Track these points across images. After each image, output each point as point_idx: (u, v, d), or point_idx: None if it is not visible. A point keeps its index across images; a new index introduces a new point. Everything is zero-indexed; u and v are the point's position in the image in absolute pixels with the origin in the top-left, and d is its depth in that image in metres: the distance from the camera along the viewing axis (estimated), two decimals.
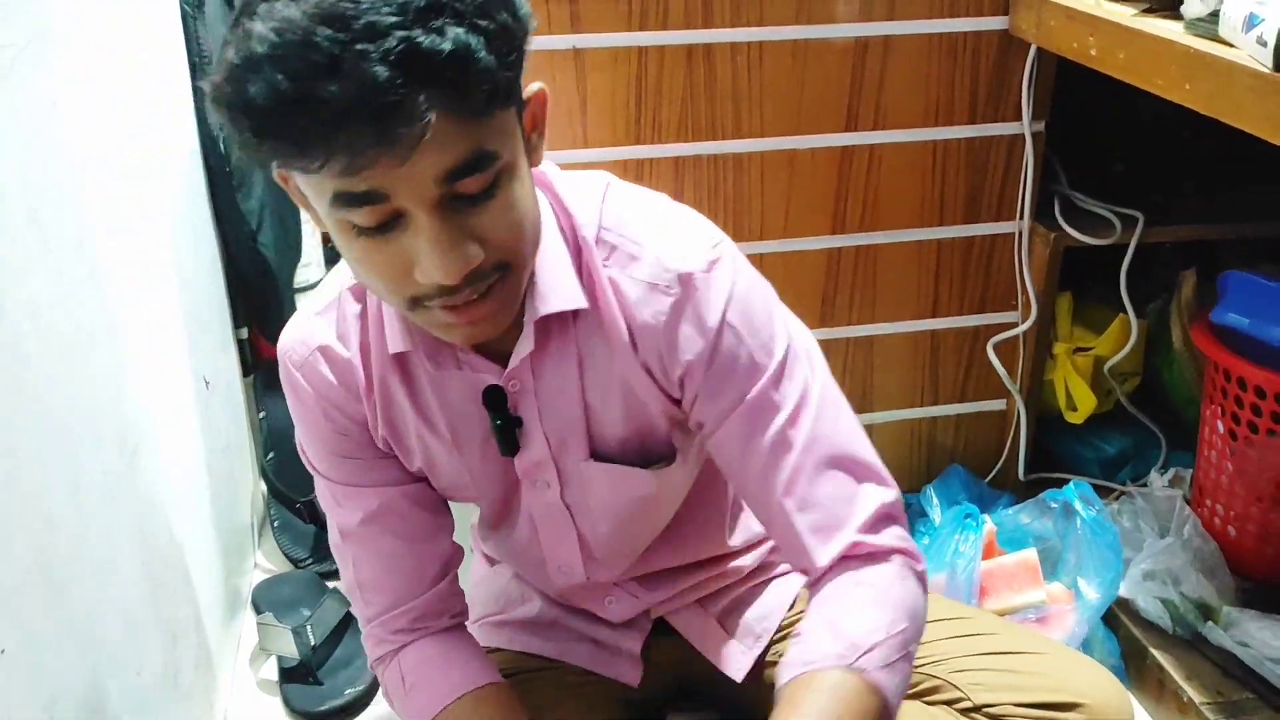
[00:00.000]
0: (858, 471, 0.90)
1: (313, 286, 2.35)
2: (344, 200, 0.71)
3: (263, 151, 0.69)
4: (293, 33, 0.64)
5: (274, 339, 1.87)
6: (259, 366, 1.88)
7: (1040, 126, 1.65)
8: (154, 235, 1.39)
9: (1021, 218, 1.69)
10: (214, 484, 1.54)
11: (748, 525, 1.17)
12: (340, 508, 0.99)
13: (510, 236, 0.77)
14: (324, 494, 1.01)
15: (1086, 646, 1.50)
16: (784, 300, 0.95)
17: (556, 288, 0.87)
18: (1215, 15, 1.22)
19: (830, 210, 1.65)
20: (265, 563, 1.80)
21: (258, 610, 1.62)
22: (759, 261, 1.13)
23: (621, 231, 0.89)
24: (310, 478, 1.79)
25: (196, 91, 1.65)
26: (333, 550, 1.03)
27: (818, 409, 0.90)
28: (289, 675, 1.53)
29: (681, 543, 1.11)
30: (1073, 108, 1.70)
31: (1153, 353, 1.86)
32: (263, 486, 1.86)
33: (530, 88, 0.79)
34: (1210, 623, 1.46)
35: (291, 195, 0.79)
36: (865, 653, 0.82)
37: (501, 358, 0.90)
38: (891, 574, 0.88)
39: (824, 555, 0.88)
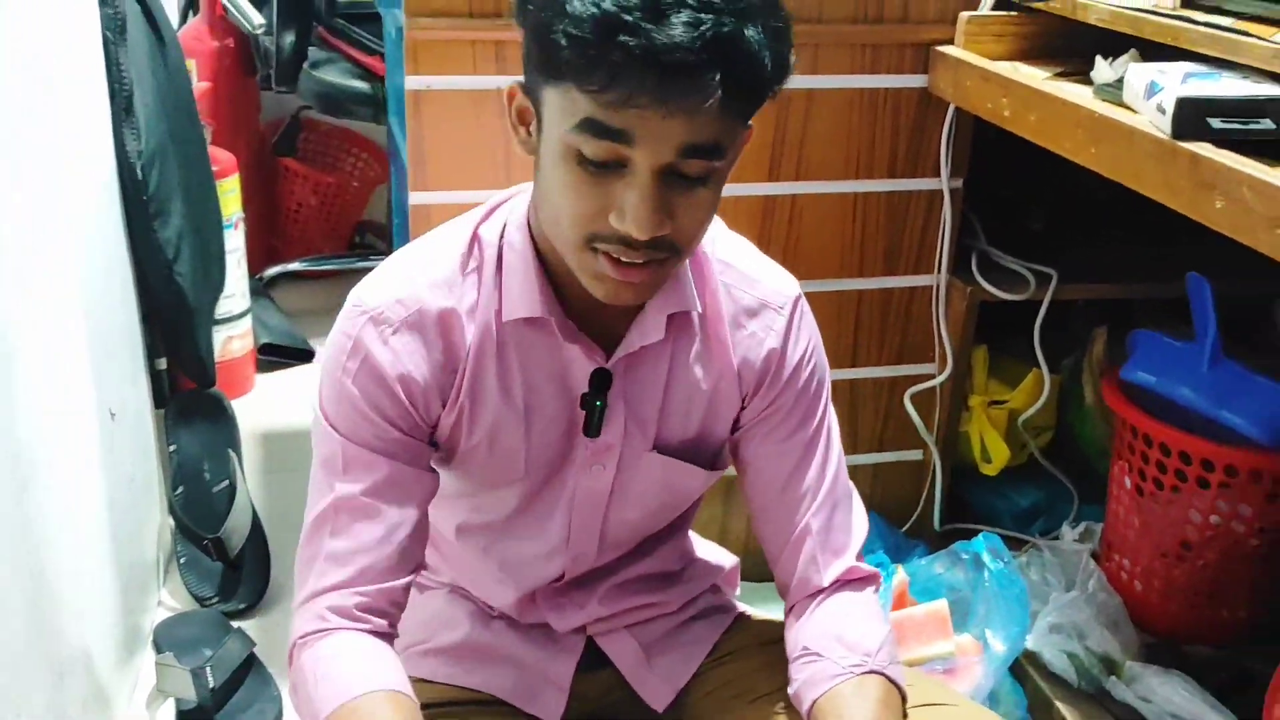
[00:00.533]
0: (855, 505, 1.06)
1: (236, 318, 2.32)
2: (592, 128, 0.77)
3: (552, 53, 0.76)
4: None
5: (189, 370, 1.84)
6: (173, 398, 1.85)
7: (958, 183, 1.68)
8: (57, 262, 1.35)
9: (939, 272, 1.72)
10: (115, 519, 1.50)
11: (687, 551, 1.20)
12: (344, 475, 0.95)
13: (695, 226, 0.85)
14: (327, 459, 0.96)
15: (993, 698, 1.50)
16: None
17: (684, 289, 0.95)
18: (1121, 82, 1.26)
19: None
20: (170, 600, 1.76)
21: (158, 649, 1.58)
22: None
23: (735, 255, 1.00)
24: (218, 515, 1.75)
25: (115, 119, 1.63)
26: (304, 533, 0.98)
27: (840, 451, 1.05)
28: (186, 718, 1.49)
29: (646, 548, 1.13)
30: (992, 165, 1.74)
31: (1066, 407, 1.89)
32: (171, 522, 1.81)
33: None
34: (1114, 677, 1.48)
35: (509, 113, 0.86)
36: (876, 654, 0.98)
37: (608, 340, 0.95)
38: (872, 594, 1.05)
39: (830, 575, 1.03)
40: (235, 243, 2.26)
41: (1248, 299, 1.67)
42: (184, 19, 2.77)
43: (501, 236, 0.95)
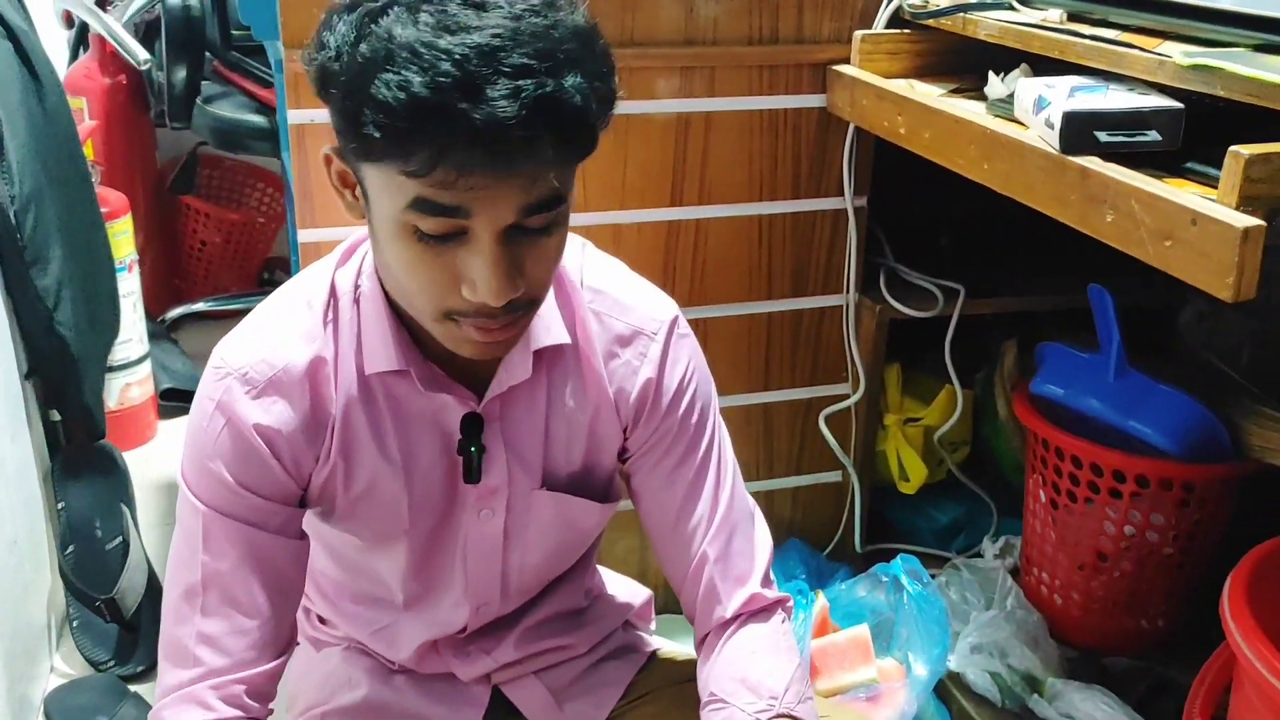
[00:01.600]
0: (757, 527, 1.05)
1: (134, 363, 2.23)
2: (423, 207, 0.75)
3: (364, 141, 0.72)
4: (442, 49, 0.70)
5: (76, 421, 1.76)
6: (60, 453, 1.76)
7: (862, 201, 1.67)
8: None
9: (848, 291, 1.71)
10: None
11: (594, 588, 1.17)
12: (208, 547, 0.90)
13: (546, 275, 0.83)
14: (190, 532, 0.91)
15: None
16: None
17: (549, 323, 0.93)
18: (1012, 97, 1.25)
19: (658, 285, 1.63)
20: (64, 666, 1.67)
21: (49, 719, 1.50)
22: None
23: (605, 281, 0.98)
24: (111, 575, 1.67)
25: None
26: (168, 610, 0.93)
27: (735, 470, 1.04)
28: None
29: (551, 588, 1.10)
30: (897, 182, 1.73)
31: (980, 422, 1.89)
32: (62, 584, 1.72)
33: None
34: (1037, 695, 1.46)
35: (330, 176, 0.82)
36: (783, 696, 0.95)
37: (477, 384, 0.92)
38: (778, 623, 1.02)
39: (733, 605, 1.00)
40: (130, 286, 2.18)
41: (1150, 309, 1.68)
42: (74, 56, 2.68)
43: (356, 285, 0.91)
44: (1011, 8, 1.37)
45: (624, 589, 1.23)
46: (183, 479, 0.92)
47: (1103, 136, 1.07)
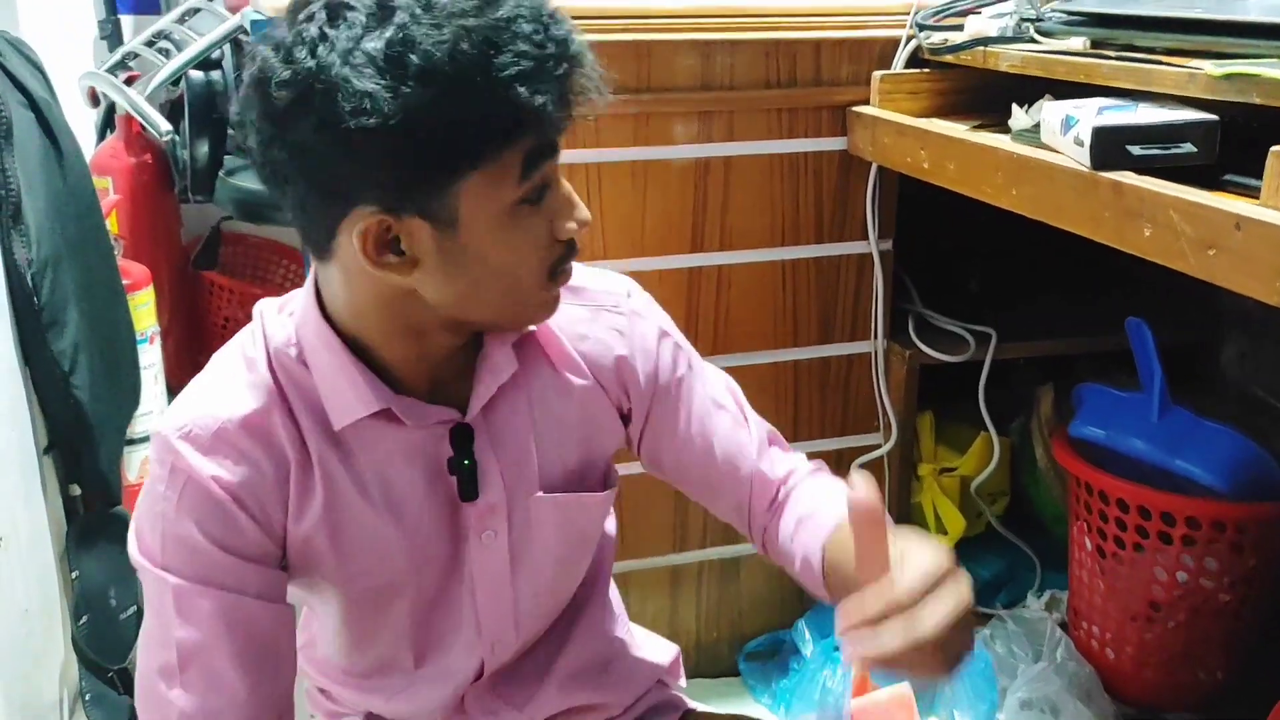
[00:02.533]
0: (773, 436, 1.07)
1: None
2: (538, 155, 0.77)
3: (508, 120, 0.74)
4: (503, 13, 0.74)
5: (91, 487, 1.73)
6: (74, 521, 1.72)
7: (888, 245, 1.64)
8: None
9: (876, 337, 1.67)
10: (3, 656, 1.37)
11: (623, 643, 1.11)
12: (183, 619, 0.83)
13: None
14: (161, 610, 0.84)
15: None
16: None
17: None
18: (1038, 126, 1.22)
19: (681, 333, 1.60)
20: None
21: None
22: None
23: None
24: (125, 645, 1.60)
25: (2, 226, 1.54)
26: (144, 698, 0.86)
27: (728, 388, 1.04)
28: None
29: (575, 635, 1.07)
30: (922, 226, 1.71)
31: (1019, 470, 1.83)
32: (74, 655, 1.68)
33: None
34: None
35: (366, 250, 0.77)
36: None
37: (456, 400, 0.89)
38: (826, 475, 1.05)
39: (780, 470, 1.03)
40: (151, 358, 2.16)
41: (1185, 345, 1.63)
42: (101, 137, 2.71)
43: (298, 349, 0.86)
44: (1033, 40, 1.35)
45: (653, 646, 1.17)
46: (144, 558, 0.85)
47: (1135, 150, 1.03)
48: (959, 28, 1.44)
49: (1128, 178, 1.02)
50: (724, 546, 1.69)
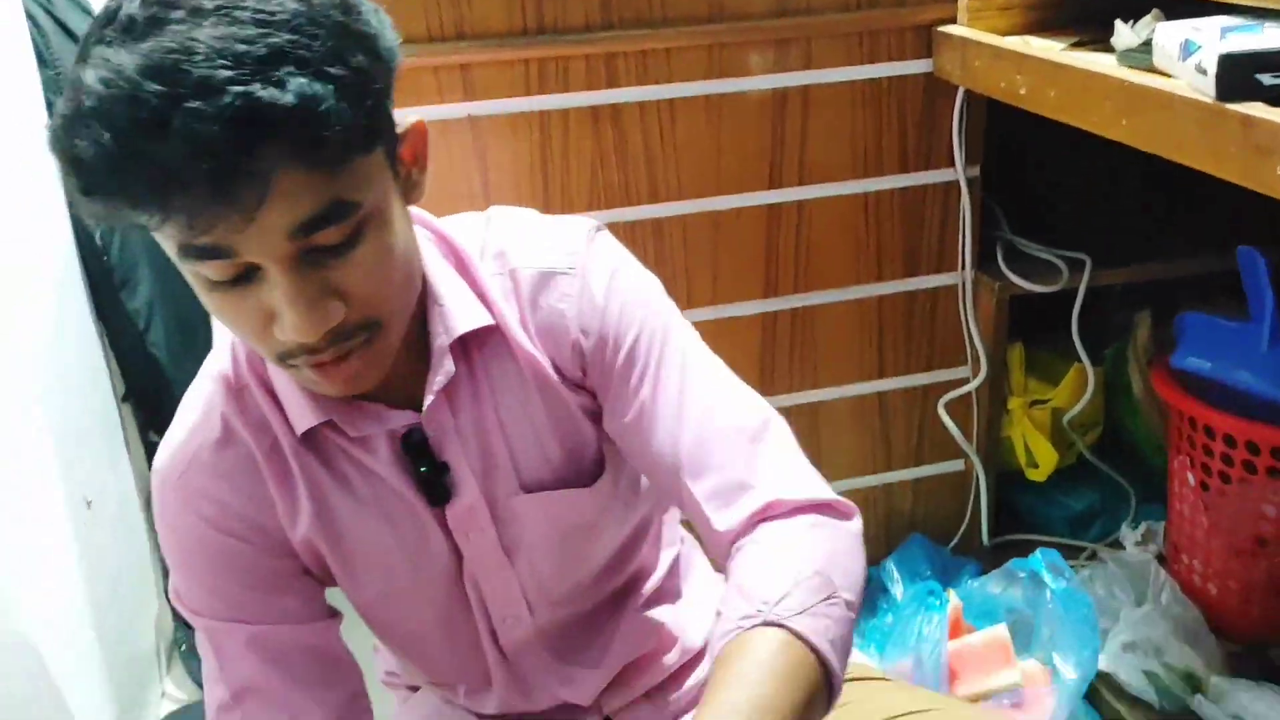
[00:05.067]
0: (766, 436, 0.84)
1: None
2: (189, 253, 0.66)
3: (95, 208, 0.63)
4: (119, 86, 0.60)
5: None
6: None
7: (975, 171, 1.56)
8: (12, 349, 1.25)
9: (963, 268, 1.60)
10: (99, 614, 1.39)
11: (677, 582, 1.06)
12: (224, 659, 0.83)
13: (377, 290, 0.72)
14: (207, 650, 0.84)
15: None
16: None
17: (461, 310, 0.82)
18: (1148, 45, 1.13)
19: (761, 273, 1.55)
20: (175, 691, 1.65)
21: None
22: None
23: (507, 240, 0.86)
24: None
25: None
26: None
27: (718, 378, 0.86)
28: None
29: (619, 581, 1.00)
30: (1012, 150, 1.62)
31: (1113, 401, 1.76)
32: (168, 609, 1.71)
33: (405, 121, 0.74)
34: (1199, 695, 1.35)
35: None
36: (776, 604, 0.74)
37: (414, 401, 0.82)
38: (798, 527, 0.80)
39: (723, 522, 0.81)
40: None
41: None
42: None
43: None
44: None
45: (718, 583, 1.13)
46: (177, 601, 0.85)
47: (1266, 80, 0.95)
48: None
49: (1258, 110, 0.94)
50: None
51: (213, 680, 0.84)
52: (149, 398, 1.66)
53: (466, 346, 0.83)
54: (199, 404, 0.83)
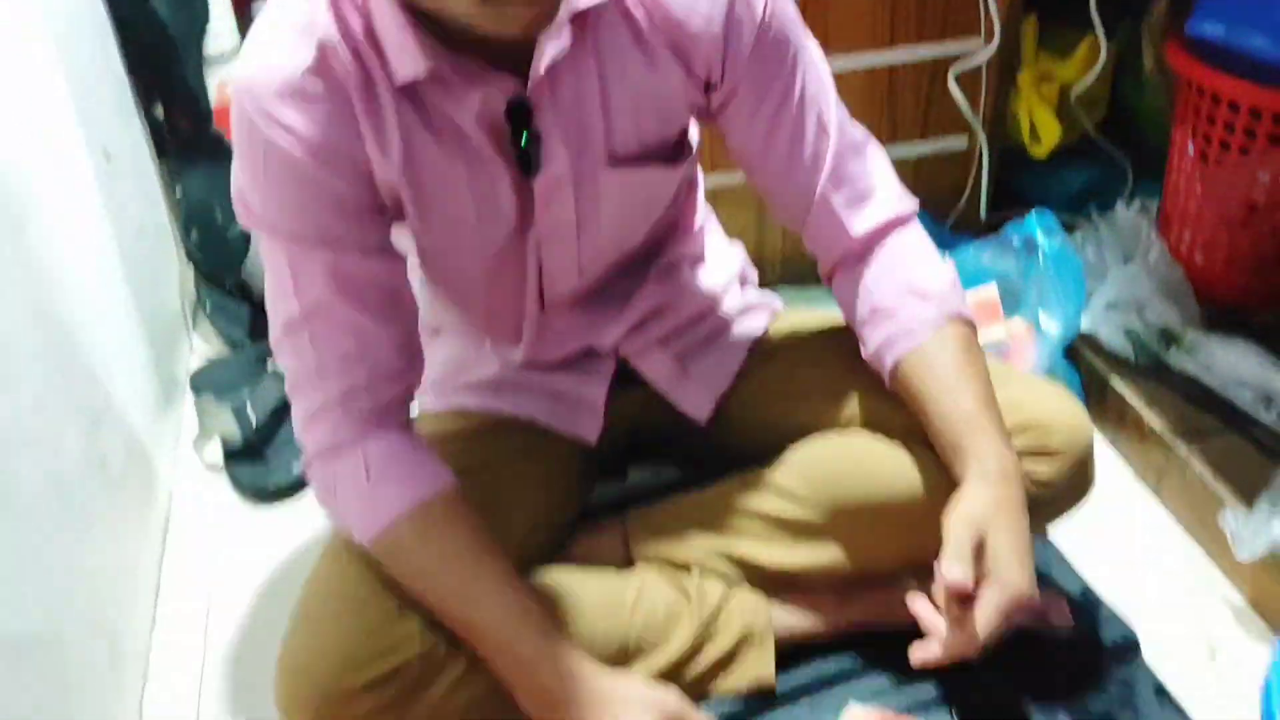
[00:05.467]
0: (869, 151, 0.99)
1: (226, 59, 2.18)
2: None
3: None
4: None
5: (183, 108, 1.74)
6: (173, 142, 1.75)
7: None
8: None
9: None
10: (129, 269, 1.44)
11: (700, 251, 1.14)
12: (299, 278, 0.87)
13: None
14: (278, 266, 0.88)
15: None
16: None
17: None
18: None
19: None
20: (202, 347, 1.73)
21: (197, 392, 1.56)
22: None
23: None
24: (237, 257, 1.67)
25: None
26: (278, 346, 0.92)
27: (833, 95, 0.97)
28: (234, 456, 1.49)
29: (650, 264, 1.10)
30: None
31: (1122, 78, 1.76)
32: (191, 269, 1.76)
33: None
34: (1174, 348, 1.42)
35: None
36: (949, 297, 0.96)
37: (519, 69, 0.84)
38: (917, 228, 1.02)
39: (862, 225, 0.98)
40: None
41: None
42: None
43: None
44: None
45: (729, 253, 1.20)
46: (252, 222, 0.88)
47: None
48: None
49: None
50: None
51: (284, 295, 0.89)
52: (156, 61, 1.64)
53: (581, 18, 0.85)
54: (290, 30, 0.83)
